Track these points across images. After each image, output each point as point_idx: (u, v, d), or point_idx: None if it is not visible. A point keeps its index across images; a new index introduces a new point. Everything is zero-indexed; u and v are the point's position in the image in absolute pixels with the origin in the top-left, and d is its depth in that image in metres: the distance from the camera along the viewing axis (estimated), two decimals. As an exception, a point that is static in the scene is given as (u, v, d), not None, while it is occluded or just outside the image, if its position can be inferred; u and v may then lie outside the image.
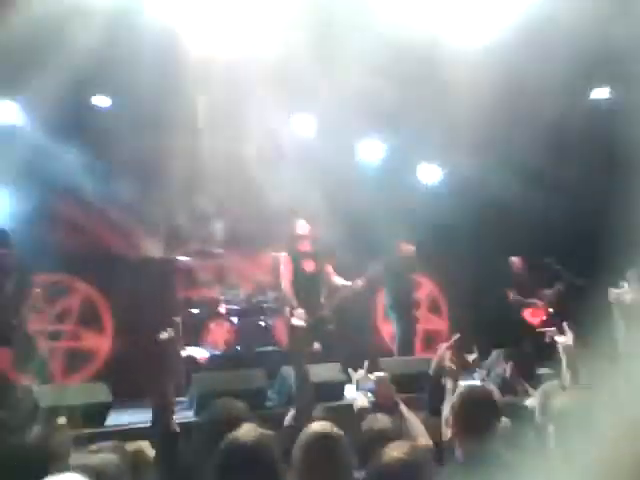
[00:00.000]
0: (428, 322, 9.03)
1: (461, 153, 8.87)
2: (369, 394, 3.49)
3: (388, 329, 8.64)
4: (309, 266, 6.12)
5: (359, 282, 6.21)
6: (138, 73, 7.96)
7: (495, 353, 6.27)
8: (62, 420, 3.32)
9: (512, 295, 7.90)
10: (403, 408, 3.13)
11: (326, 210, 9.53)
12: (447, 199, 9.00)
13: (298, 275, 6.02)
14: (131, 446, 2.71)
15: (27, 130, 7.15)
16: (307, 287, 5.96)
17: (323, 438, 2.37)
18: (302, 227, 6.42)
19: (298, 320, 5.19)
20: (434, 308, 9.15)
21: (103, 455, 1.96)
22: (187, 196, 9.15)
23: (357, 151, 9.27)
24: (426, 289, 9.11)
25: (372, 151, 9.24)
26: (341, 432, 2.46)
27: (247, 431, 2.06)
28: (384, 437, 2.56)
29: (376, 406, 3.30)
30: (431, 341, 8.81)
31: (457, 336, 3.74)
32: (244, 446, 1.99)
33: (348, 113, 8.63)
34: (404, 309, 7.41)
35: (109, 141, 8.16)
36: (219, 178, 9.36)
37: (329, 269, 6.24)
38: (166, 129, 8.68)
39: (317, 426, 2.46)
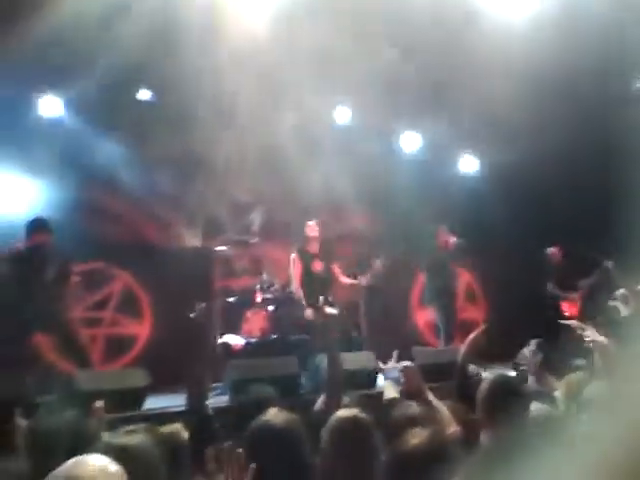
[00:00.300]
0: (464, 312, 8.97)
1: (500, 142, 8.76)
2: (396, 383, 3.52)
3: (423, 318, 8.63)
4: (317, 266, 6.27)
5: (363, 280, 6.43)
6: (179, 67, 8.11)
7: (529, 344, 6.20)
8: (99, 404, 3.42)
9: (549, 286, 7.80)
10: (430, 396, 3.13)
11: (363, 201, 9.57)
12: (485, 189, 8.92)
13: (308, 275, 6.34)
14: (166, 428, 2.79)
15: (70, 123, 7.31)
16: (316, 286, 6.28)
17: (351, 423, 2.41)
18: (311, 228, 6.62)
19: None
20: (470, 297, 9.09)
21: (135, 436, 2.02)
22: (225, 187, 9.28)
23: (395, 141, 9.20)
24: (463, 279, 9.04)
25: (410, 141, 9.17)
26: (369, 418, 2.49)
27: (274, 414, 2.10)
28: (413, 424, 2.57)
29: (403, 394, 3.32)
30: (467, 331, 8.74)
31: (485, 326, 3.73)
32: (273, 428, 2.03)
33: (385, 103, 8.61)
34: (447, 299, 7.38)
35: (149, 133, 8.33)
36: (256, 169, 9.47)
37: (336, 269, 6.51)
38: (205, 121, 8.81)
39: (345, 412, 2.50)
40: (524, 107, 7.39)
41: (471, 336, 3.60)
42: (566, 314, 7.70)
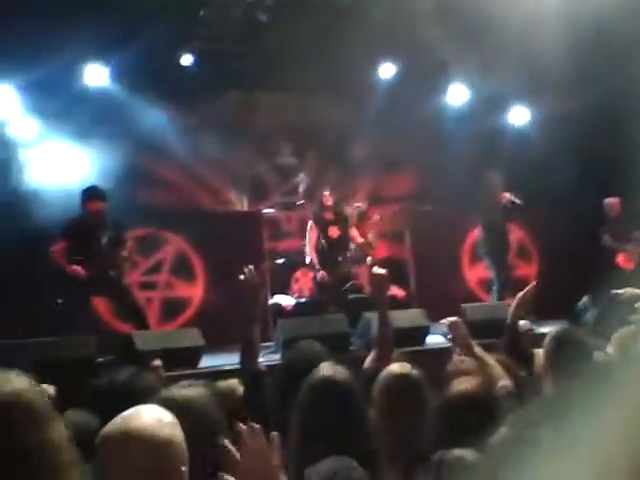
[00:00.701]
0: (517, 268, 8.86)
1: (550, 93, 8.48)
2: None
3: (474, 275, 8.56)
4: (334, 232, 6.62)
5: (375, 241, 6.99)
6: (223, 30, 8.11)
7: (586, 298, 6.11)
8: (157, 362, 3.55)
9: (605, 239, 7.58)
10: (479, 351, 3.12)
11: (411, 157, 9.48)
12: (536, 141, 8.69)
13: (323, 241, 6.61)
14: (222, 384, 2.89)
15: (115, 91, 7.43)
16: (331, 251, 6.60)
17: (402, 378, 2.42)
18: (327, 198, 6.90)
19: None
20: (523, 254, 8.94)
21: (195, 389, 2.07)
22: (271, 149, 9.33)
23: (443, 95, 9.02)
24: (515, 235, 8.90)
25: (458, 95, 8.98)
26: (419, 373, 2.50)
27: (332, 368, 2.11)
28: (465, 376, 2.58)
29: (452, 349, 3.33)
30: (519, 287, 8.64)
31: (534, 283, 3.68)
32: (330, 381, 2.03)
33: (432, 56, 8.43)
34: (501, 254, 7.26)
35: (195, 98, 8.41)
36: (301, 129, 9.47)
37: (353, 232, 6.91)
38: (250, 83, 8.83)
39: (396, 367, 2.51)
40: (576, 56, 7.13)
41: (521, 293, 3.57)
42: (621, 266, 7.50)
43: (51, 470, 1.23)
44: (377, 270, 3.20)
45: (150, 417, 1.45)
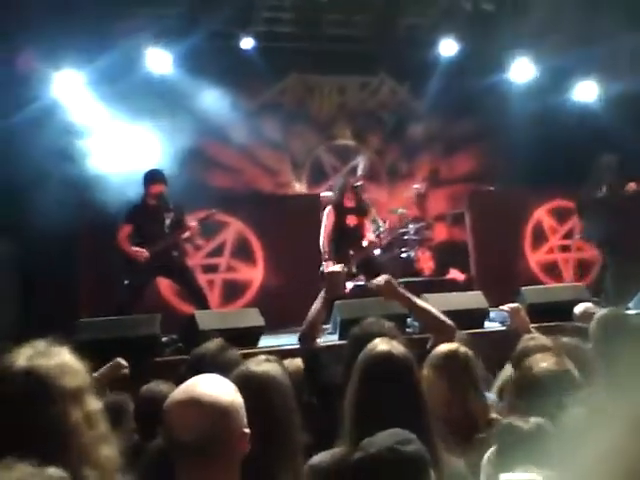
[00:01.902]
0: (581, 250, 8.60)
1: (620, 67, 8.13)
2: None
3: (537, 257, 8.37)
4: (352, 221, 6.24)
5: (383, 240, 6.54)
6: (283, 13, 8.15)
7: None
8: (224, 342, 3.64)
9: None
10: (537, 334, 3.10)
11: (473, 137, 9.31)
12: (606, 120, 8.35)
13: (340, 229, 6.23)
14: (288, 362, 2.98)
15: (177, 75, 7.58)
16: (344, 243, 6.20)
17: (449, 356, 2.45)
18: (351, 183, 6.47)
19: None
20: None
21: (273, 365, 2.13)
22: (330, 132, 9.34)
23: (506, 71, 8.76)
24: (576, 216, 8.63)
25: (522, 71, 8.67)
26: (469, 351, 2.51)
27: (385, 342, 2.14)
28: (542, 352, 2.57)
29: (511, 334, 3.30)
30: (584, 270, 8.41)
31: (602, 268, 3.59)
32: (385, 355, 2.06)
33: (495, 31, 8.22)
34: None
35: (256, 82, 8.50)
36: (361, 111, 9.44)
37: (367, 224, 6.40)
38: (310, 66, 8.85)
39: (445, 346, 2.54)
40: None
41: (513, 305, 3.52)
42: None
43: (77, 445, 1.27)
44: (333, 268, 3.27)
45: (211, 384, 1.54)
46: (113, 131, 7.35)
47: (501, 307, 3.51)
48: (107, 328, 4.62)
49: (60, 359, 1.36)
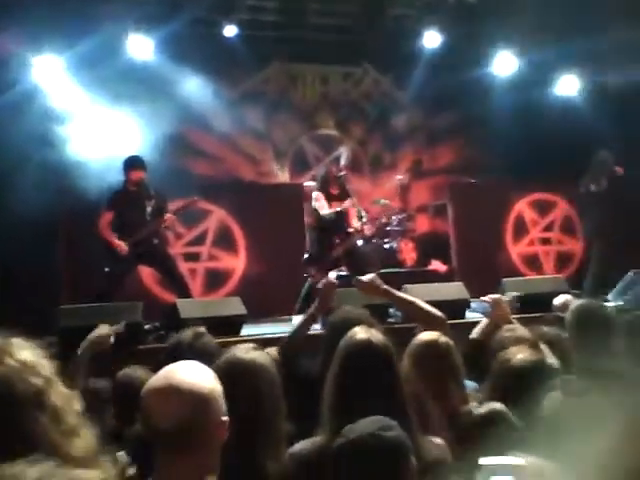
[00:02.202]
0: (561, 243, 8.70)
1: (602, 61, 8.19)
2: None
3: (518, 249, 8.45)
4: (335, 207, 6.21)
5: (367, 230, 6.43)
6: (266, 1, 8.08)
7: (631, 274, 5.96)
8: (202, 329, 3.62)
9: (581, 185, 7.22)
10: (517, 326, 3.12)
11: (456, 129, 9.34)
12: (588, 113, 8.42)
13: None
14: (270, 350, 2.97)
15: (159, 62, 7.50)
16: (333, 227, 6.15)
17: (430, 346, 2.46)
18: (335, 170, 6.45)
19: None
20: (568, 229, 8.76)
21: (260, 352, 2.12)
22: (313, 122, 9.32)
23: (489, 64, 8.79)
24: (560, 209, 8.73)
25: (505, 64, 8.72)
26: (449, 341, 2.52)
27: (364, 330, 2.14)
28: (520, 344, 2.59)
29: (492, 325, 3.32)
30: (564, 262, 8.52)
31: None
32: (365, 343, 2.06)
33: (478, 24, 8.23)
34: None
35: (238, 70, 8.44)
36: (344, 101, 9.43)
37: (351, 211, 6.32)
38: (293, 55, 8.81)
39: (426, 335, 2.55)
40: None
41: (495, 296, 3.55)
42: None
43: (45, 443, 1.23)
44: (329, 280, 3.25)
45: (190, 371, 1.52)
46: (93, 117, 7.25)
47: (482, 298, 3.54)
48: (89, 315, 4.56)
49: (18, 359, 1.29)
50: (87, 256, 6.11)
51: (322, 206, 6.20)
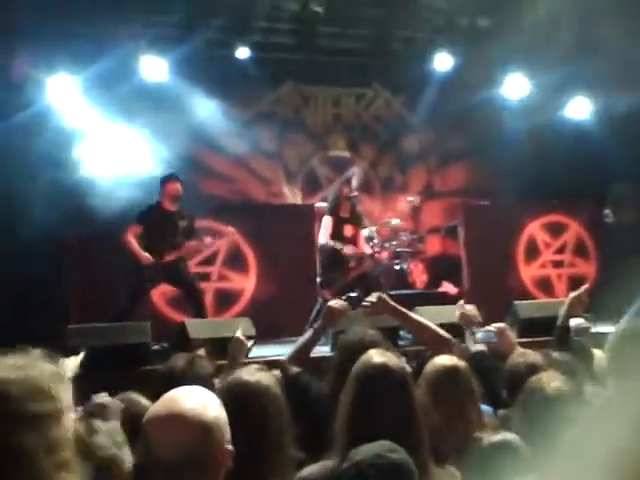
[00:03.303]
0: (574, 266, 8.62)
1: (614, 84, 8.18)
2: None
3: (530, 272, 8.38)
4: (349, 231, 6.21)
5: (384, 255, 6.58)
6: (278, 22, 8.17)
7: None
8: (201, 351, 3.60)
9: (605, 215, 7.17)
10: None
11: (467, 151, 9.34)
12: (600, 136, 8.39)
13: (338, 238, 6.16)
14: (277, 372, 2.93)
15: (174, 83, 7.57)
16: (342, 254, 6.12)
17: (447, 369, 2.42)
18: (346, 192, 6.39)
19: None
20: (580, 251, 8.68)
21: (265, 374, 2.09)
22: (325, 143, 9.35)
23: (500, 87, 8.80)
24: (572, 231, 8.67)
25: (516, 87, 8.73)
26: (466, 365, 2.48)
27: (380, 353, 2.11)
28: (535, 371, 2.55)
29: (494, 353, 3.28)
30: (576, 285, 8.41)
31: (588, 285, 3.59)
32: (381, 367, 2.03)
33: (490, 46, 8.25)
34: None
35: (251, 91, 8.50)
36: (355, 123, 9.46)
37: (361, 235, 6.36)
38: (305, 77, 8.87)
39: (442, 359, 2.50)
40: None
41: (575, 293, 3.49)
42: None
43: (31, 472, 1.18)
44: (337, 304, 3.19)
45: (194, 398, 1.48)
46: (107, 137, 7.33)
47: (487, 327, 3.49)
48: (97, 335, 4.56)
49: (32, 378, 1.23)
50: (97, 276, 6.12)
51: (323, 235, 6.18)
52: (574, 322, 4.13)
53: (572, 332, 3.93)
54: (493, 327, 3.33)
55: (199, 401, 1.47)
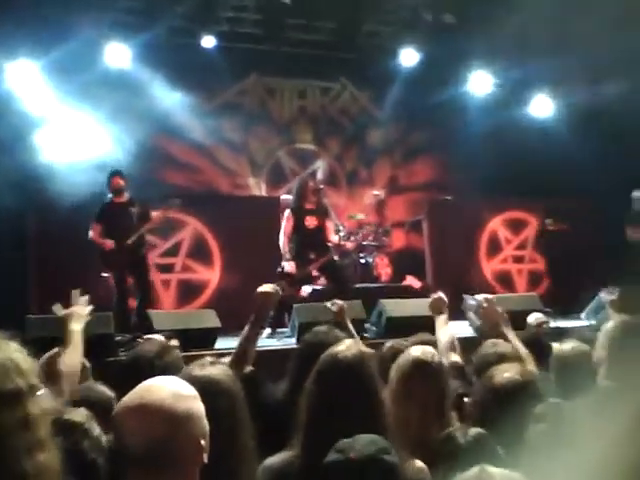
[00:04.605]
0: (534, 261, 8.80)
1: (578, 82, 8.35)
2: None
3: (492, 267, 8.53)
4: (312, 222, 6.19)
5: (349, 245, 6.63)
6: (245, 12, 8.09)
7: (603, 294, 6.02)
8: (174, 342, 3.55)
9: (629, 231, 7.29)
10: (509, 333, 3.07)
11: (432, 146, 9.43)
12: (561, 133, 8.56)
13: (300, 230, 6.16)
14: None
15: (136, 71, 7.45)
16: (307, 242, 6.14)
17: (421, 363, 2.38)
18: (309, 185, 6.44)
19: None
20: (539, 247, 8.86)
21: (219, 367, 2.02)
22: (291, 136, 9.32)
23: (464, 83, 8.92)
24: (533, 228, 8.84)
25: (480, 83, 8.85)
26: (440, 358, 2.47)
27: (349, 346, 2.09)
28: (502, 361, 2.55)
29: (482, 328, 3.30)
30: (536, 280, 8.61)
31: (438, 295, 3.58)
32: (345, 360, 2.02)
33: (455, 43, 8.34)
34: None
35: (216, 81, 8.40)
36: (321, 116, 9.45)
37: (328, 226, 6.35)
38: (271, 69, 8.80)
39: (416, 351, 2.46)
40: (607, 43, 6.98)
41: (433, 296, 3.54)
42: None
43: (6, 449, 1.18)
44: (265, 288, 3.08)
45: (168, 389, 1.43)
46: (68, 123, 7.16)
47: (475, 296, 3.44)
48: (58, 326, 4.46)
49: (7, 356, 1.24)
50: (58, 264, 6.01)
51: (283, 229, 6.20)
52: (532, 316, 4.22)
53: (530, 327, 4.01)
54: (482, 297, 3.29)
55: (172, 392, 1.42)
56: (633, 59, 7.52)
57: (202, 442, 1.43)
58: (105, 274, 5.80)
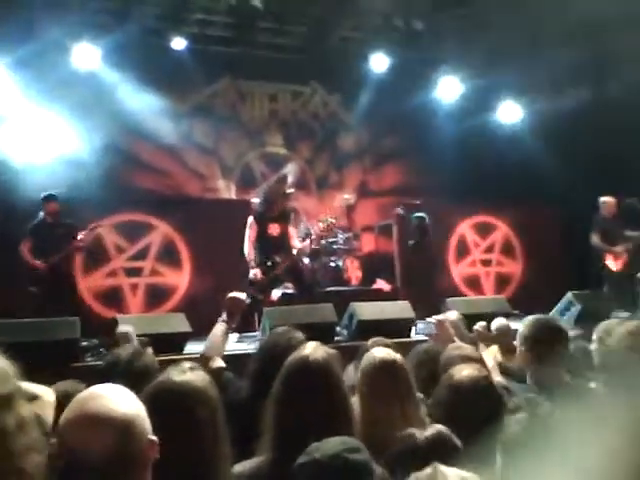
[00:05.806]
0: (501, 265, 8.93)
1: (546, 90, 8.50)
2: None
3: (459, 270, 8.62)
4: (274, 229, 6.21)
5: (307, 246, 6.63)
6: (216, 15, 8.04)
7: (569, 295, 6.14)
8: (149, 350, 3.50)
9: (594, 239, 7.42)
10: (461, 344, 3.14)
11: (402, 151, 9.49)
12: (529, 139, 8.71)
13: (263, 238, 6.17)
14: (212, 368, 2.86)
15: (107, 72, 7.35)
16: (272, 249, 6.15)
17: (386, 364, 2.41)
18: (272, 192, 6.43)
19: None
20: (508, 251, 9.00)
21: (197, 373, 1.99)
22: (261, 139, 9.30)
23: (434, 89, 9.01)
24: (500, 231, 8.97)
25: (450, 89, 8.96)
26: (403, 359, 2.50)
27: (315, 348, 2.09)
28: (465, 362, 2.58)
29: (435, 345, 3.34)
30: (504, 283, 8.73)
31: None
32: (316, 363, 2.02)
33: (426, 49, 8.43)
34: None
35: (186, 84, 8.34)
36: (292, 120, 9.45)
37: (290, 232, 6.38)
38: (242, 72, 8.78)
39: (382, 352, 2.49)
40: (576, 51, 7.11)
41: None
42: (611, 267, 7.37)
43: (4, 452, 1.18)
44: (234, 295, 3.12)
45: (104, 397, 1.40)
46: (33, 122, 7.03)
47: (428, 319, 3.55)
48: (24, 331, 4.37)
49: None
50: (12, 265, 5.94)
51: (247, 237, 6.19)
52: (496, 322, 4.28)
53: (495, 331, 4.07)
54: (434, 319, 3.38)
55: (109, 399, 1.39)
56: (599, 67, 7.71)
57: (151, 438, 1.41)
58: (32, 288, 5.88)
